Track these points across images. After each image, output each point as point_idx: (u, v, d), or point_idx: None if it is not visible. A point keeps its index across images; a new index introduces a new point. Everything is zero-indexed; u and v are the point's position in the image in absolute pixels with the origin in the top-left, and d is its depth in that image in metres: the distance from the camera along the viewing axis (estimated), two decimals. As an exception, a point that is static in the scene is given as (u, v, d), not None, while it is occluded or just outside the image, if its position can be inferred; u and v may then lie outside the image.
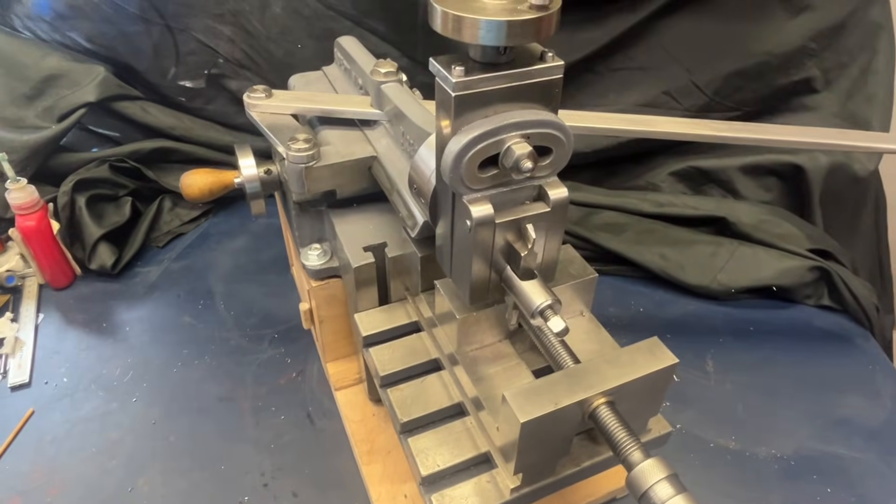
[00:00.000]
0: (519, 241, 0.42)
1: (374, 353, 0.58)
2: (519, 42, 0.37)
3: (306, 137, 0.59)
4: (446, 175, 0.39)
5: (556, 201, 0.42)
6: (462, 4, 0.36)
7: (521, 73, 0.38)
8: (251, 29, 0.90)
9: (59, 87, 0.94)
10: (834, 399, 0.80)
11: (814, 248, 0.93)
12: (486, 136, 0.38)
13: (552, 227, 0.43)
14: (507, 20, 0.35)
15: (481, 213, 0.40)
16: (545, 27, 0.37)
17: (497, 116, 0.38)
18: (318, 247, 0.67)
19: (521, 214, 0.41)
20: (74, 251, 0.94)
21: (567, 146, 0.41)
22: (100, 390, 0.79)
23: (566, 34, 0.92)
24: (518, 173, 0.38)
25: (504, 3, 0.37)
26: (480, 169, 0.39)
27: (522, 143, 0.38)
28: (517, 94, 0.39)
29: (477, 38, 0.36)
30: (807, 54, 0.96)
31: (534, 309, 0.41)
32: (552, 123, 0.39)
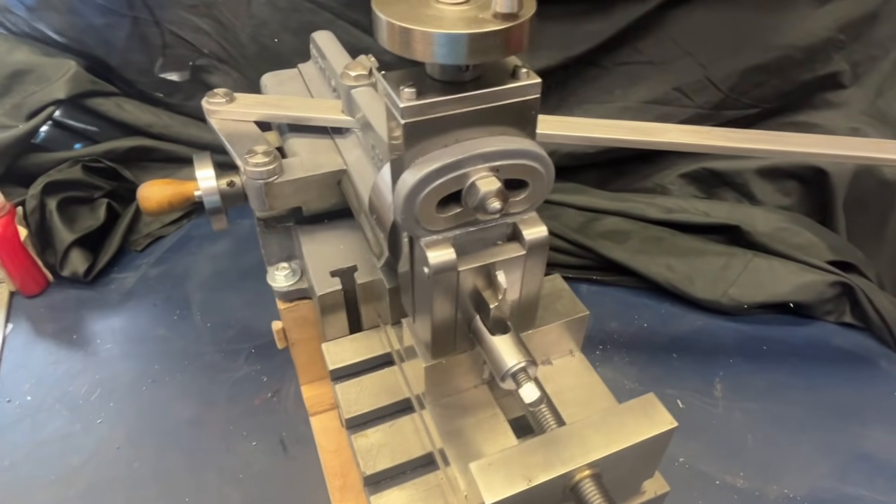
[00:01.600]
0: (488, 288, 0.36)
1: (339, 391, 0.52)
2: (483, 59, 0.30)
3: (266, 150, 0.53)
4: (399, 215, 0.33)
5: (533, 242, 0.35)
6: (413, 12, 0.29)
7: (489, 94, 0.32)
8: (225, 21, 0.83)
9: (27, 83, 0.89)
10: (855, 430, 0.73)
11: (835, 260, 0.86)
12: (444, 170, 0.31)
13: (530, 269, 0.37)
14: (468, 33, 0.28)
15: (440, 260, 0.34)
16: (515, 39, 0.30)
17: (459, 146, 0.32)
18: (286, 266, 0.61)
19: (489, 259, 0.35)
20: (46, 257, 0.89)
21: (546, 177, 0.34)
22: (64, 410, 0.75)
23: (568, 26, 0.84)
24: (484, 213, 0.32)
25: (465, 9, 0.30)
26: (440, 207, 0.33)
27: (490, 177, 0.32)
28: (484, 117, 0.32)
29: (432, 56, 0.29)
30: (834, 47, 0.88)
31: (504, 371, 0.35)
32: (527, 153, 0.33)
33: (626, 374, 0.79)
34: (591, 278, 0.92)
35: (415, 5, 0.30)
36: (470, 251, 0.35)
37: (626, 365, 0.81)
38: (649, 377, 0.79)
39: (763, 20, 0.85)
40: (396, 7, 0.30)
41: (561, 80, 0.92)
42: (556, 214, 0.94)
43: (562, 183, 1.00)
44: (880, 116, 0.92)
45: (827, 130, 0.94)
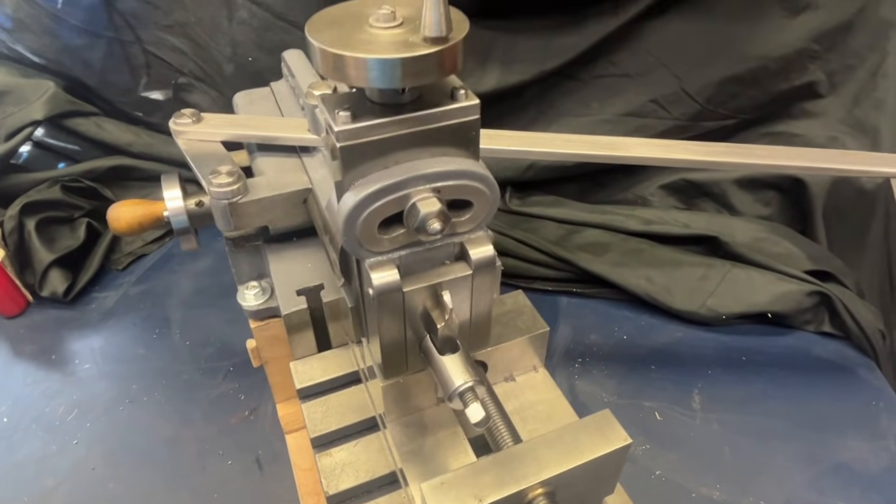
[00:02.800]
0: (436, 308, 0.36)
1: (306, 410, 0.52)
2: (417, 82, 0.30)
3: (230, 170, 0.53)
4: (341, 237, 0.33)
5: (479, 262, 0.36)
6: (346, 37, 0.30)
7: (427, 115, 0.32)
8: (201, 41, 0.84)
9: (5, 105, 0.89)
10: (832, 441, 0.72)
11: (814, 269, 0.86)
12: (384, 192, 0.32)
13: (479, 288, 0.37)
14: (399, 58, 0.28)
15: (383, 281, 0.34)
16: (447, 62, 0.30)
17: (399, 167, 0.32)
18: (255, 285, 0.61)
19: (435, 280, 0.35)
20: (25, 277, 0.89)
21: (491, 197, 0.34)
22: (40, 431, 0.74)
23: (542, 40, 0.85)
24: (426, 235, 0.32)
25: (397, 33, 0.30)
26: (383, 229, 0.33)
27: (431, 198, 0.32)
28: (424, 138, 0.32)
29: (366, 81, 0.29)
30: (809, 57, 0.88)
31: (451, 391, 0.35)
32: (468, 174, 0.33)
33: (604, 386, 0.79)
34: (571, 291, 0.92)
35: (348, 30, 0.30)
36: (416, 271, 0.35)
37: (605, 377, 0.80)
38: (628, 389, 0.79)
39: (737, 32, 0.86)
40: (330, 33, 0.30)
41: (538, 94, 0.93)
42: (535, 227, 0.94)
43: (541, 196, 1.00)
44: (858, 125, 0.92)
45: (805, 140, 0.95)
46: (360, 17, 0.31)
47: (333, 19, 0.31)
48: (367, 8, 0.31)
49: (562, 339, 0.86)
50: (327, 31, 0.30)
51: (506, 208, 0.98)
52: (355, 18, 0.31)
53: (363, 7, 0.32)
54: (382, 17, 0.30)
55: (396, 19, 0.30)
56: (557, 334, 0.87)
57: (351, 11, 0.32)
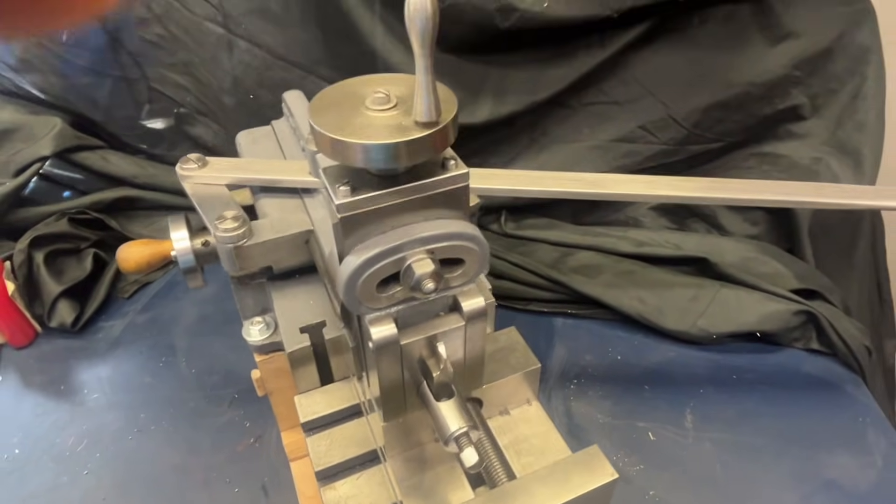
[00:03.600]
0: (432, 357, 0.38)
1: (311, 444, 0.54)
2: (411, 162, 0.33)
3: (235, 215, 0.56)
4: (342, 296, 0.35)
5: (471, 313, 0.38)
6: (345, 121, 0.32)
7: (420, 186, 0.34)
8: (203, 79, 0.87)
9: (14, 141, 0.92)
10: (822, 458, 0.75)
11: (801, 288, 0.88)
12: (382, 255, 0.34)
13: (472, 336, 0.39)
14: (394, 143, 0.31)
15: (382, 335, 0.36)
16: (440, 141, 0.33)
17: (395, 232, 0.35)
18: (260, 320, 0.64)
19: (430, 332, 0.38)
20: (34, 308, 0.92)
21: (481, 254, 0.37)
22: (51, 462, 0.77)
23: (533, 72, 0.88)
24: (421, 293, 0.35)
25: (392, 115, 0.33)
26: (380, 287, 0.36)
27: (425, 260, 0.34)
28: (419, 204, 0.35)
29: (366, 162, 0.32)
30: (791, 82, 0.91)
31: (447, 436, 0.37)
32: (460, 235, 0.35)
33: (599, 408, 0.81)
34: (566, 312, 0.94)
35: (347, 113, 0.33)
36: (413, 323, 0.38)
37: (600, 399, 0.83)
38: (622, 410, 0.81)
39: (721, 61, 0.89)
40: (330, 116, 0.33)
41: (530, 121, 0.96)
42: (530, 250, 0.97)
43: (535, 219, 1.03)
44: (840, 146, 0.95)
45: (791, 161, 0.98)
46: (358, 99, 0.34)
47: (333, 101, 0.34)
48: (365, 88, 0.34)
49: (557, 361, 0.88)
50: (328, 113, 0.33)
51: (501, 231, 1.00)
52: (353, 100, 0.34)
53: (360, 87, 0.35)
54: (378, 101, 0.33)
55: (391, 101, 0.33)
56: (553, 356, 0.89)
57: (349, 92, 0.34)
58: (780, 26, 0.88)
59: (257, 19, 0.79)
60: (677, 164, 0.99)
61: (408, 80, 0.34)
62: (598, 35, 0.85)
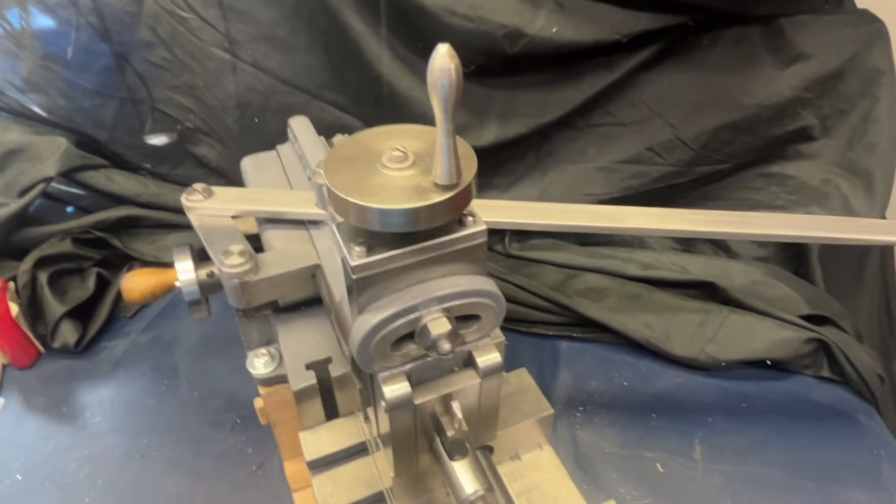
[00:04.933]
0: (446, 414, 0.37)
1: (316, 485, 0.54)
2: (432, 224, 0.32)
3: (241, 250, 0.55)
4: (355, 355, 0.34)
5: (486, 370, 0.37)
6: (361, 181, 0.31)
7: (438, 244, 0.33)
8: (208, 102, 0.86)
9: (20, 162, 0.92)
10: (833, 491, 0.74)
11: (811, 314, 0.87)
12: (397, 316, 0.33)
13: (486, 391, 0.39)
14: (414, 208, 0.30)
15: (395, 395, 0.35)
16: (459, 203, 0.32)
17: (411, 290, 0.34)
18: (264, 352, 0.63)
19: (445, 390, 0.37)
20: (37, 328, 0.91)
21: (498, 309, 0.36)
22: (53, 488, 0.76)
23: (540, 94, 0.87)
24: (436, 353, 0.34)
25: (410, 175, 0.32)
26: (395, 346, 0.35)
27: (441, 319, 0.34)
28: (436, 261, 0.34)
29: (383, 227, 0.31)
30: (801, 104, 0.91)
31: (462, 498, 0.36)
32: (477, 292, 0.34)
33: (606, 437, 0.80)
34: (571, 336, 0.93)
35: (362, 172, 0.32)
36: (427, 379, 0.37)
37: (606, 427, 0.82)
38: (629, 440, 0.80)
39: (730, 83, 0.88)
40: (345, 176, 0.32)
41: (536, 142, 0.95)
42: (535, 272, 0.96)
43: (540, 239, 1.02)
44: (851, 167, 0.94)
45: (799, 181, 0.97)
46: (374, 156, 0.33)
47: (348, 158, 0.33)
48: (381, 142, 0.33)
49: (563, 387, 0.87)
50: (343, 172, 0.32)
51: (505, 252, 1.00)
52: (369, 156, 0.33)
53: (377, 141, 0.34)
54: (395, 159, 0.32)
55: (409, 159, 0.32)
56: (558, 381, 0.88)
57: (365, 147, 0.34)
58: (791, 48, 0.87)
59: (263, 45, 0.78)
60: (685, 184, 0.98)
61: (424, 134, 0.33)
62: (606, 58, 0.84)
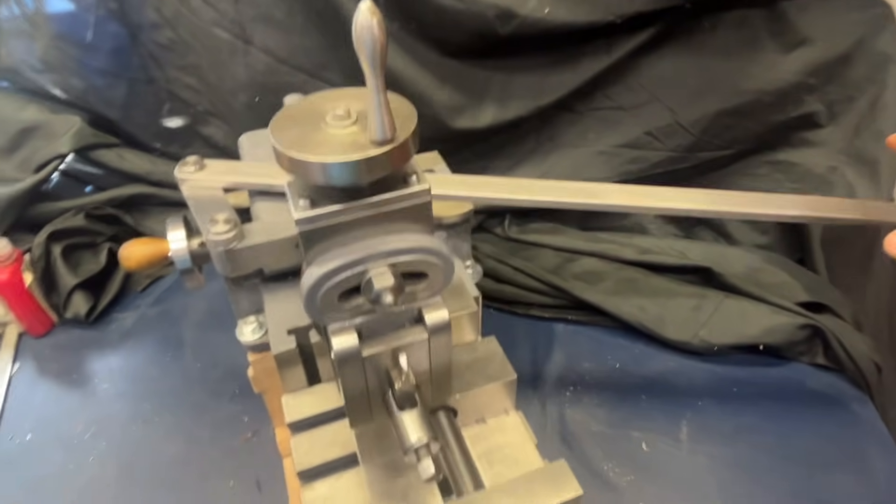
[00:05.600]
0: (395, 367, 0.39)
1: (294, 444, 0.56)
2: (370, 178, 0.33)
3: (226, 218, 0.57)
4: (304, 306, 0.36)
5: (434, 326, 0.39)
6: (304, 138, 0.33)
7: (381, 201, 0.35)
8: (211, 82, 0.89)
9: (35, 139, 0.96)
10: (819, 477, 0.73)
11: (808, 301, 0.86)
12: (342, 268, 0.35)
13: (436, 349, 0.40)
14: (351, 161, 0.32)
15: (343, 346, 0.37)
16: (396, 158, 0.33)
17: (357, 245, 0.35)
18: (253, 320, 0.65)
19: (393, 344, 0.38)
20: (51, 299, 0.96)
21: (445, 268, 0.37)
22: (61, 448, 0.80)
23: (538, 77, 0.87)
24: (380, 306, 0.35)
25: (351, 133, 0.33)
26: (343, 299, 0.36)
27: (385, 273, 0.35)
28: (381, 219, 0.36)
29: (325, 180, 0.33)
30: (806, 89, 0.89)
31: (406, 447, 0.38)
32: (421, 249, 0.36)
33: (594, 415, 0.81)
34: (566, 318, 0.94)
35: (307, 130, 0.34)
36: (377, 334, 0.39)
37: (596, 406, 0.82)
38: (617, 419, 0.80)
39: (730, 67, 0.87)
40: (291, 133, 0.34)
41: (536, 126, 0.95)
42: (533, 255, 0.97)
43: (540, 223, 1.02)
44: (857, 156, 0.92)
45: (804, 169, 0.95)
46: (318, 115, 0.34)
47: (294, 117, 0.35)
48: (327, 103, 0.35)
49: (555, 367, 0.88)
50: (288, 130, 0.34)
51: (504, 235, 1.01)
52: (314, 116, 0.34)
53: (323, 103, 0.35)
54: (337, 118, 0.34)
55: (350, 117, 0.34)
56: (551, 361, 0.89)
57: (311, 108, 0.35)
58: (794, 32, 0.85)
59: (262, 25, 0.81)
60: (686, 170, 0.97)
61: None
62: (604, 40, 0.84)
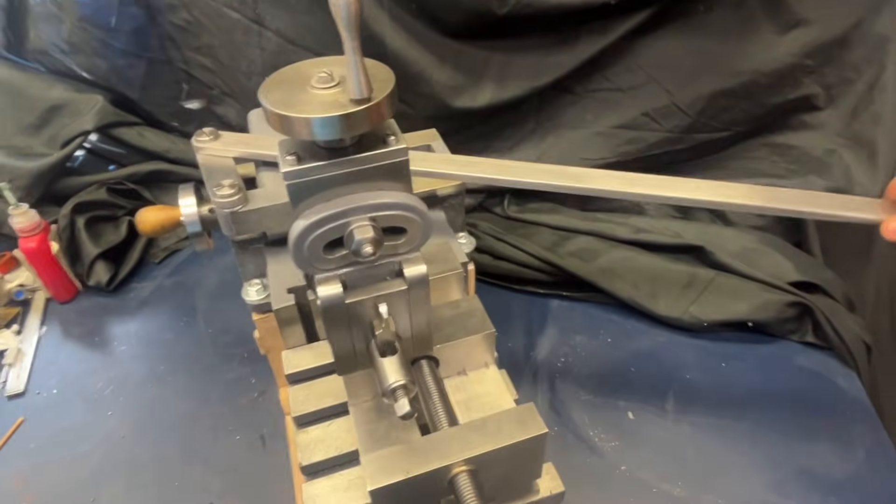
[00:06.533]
0: (377, 317, 0.43)
1: (291, 393, 0.60)
2: (350, 134, 0.37)
3: (232, 182, 0.62)
4: (292, 256, 0.40)
5: (413, 279, 0.42)
6: (290, 97, 0.37)
7: (362, 158, 0.39)
8: (225, 62, 0.93)
9: (62, 116, 1.02)
10: (800, 447, 0.75)
11: (799, 281, 0.88)
12: (326, 220, 0.39)
13: (415, 301, 0.44)
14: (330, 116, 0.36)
15: (327, 294, 0.41)
16: (375, 115, 0.37)
17: (340, 200, 0.39)
18: (257, 282, 0.70)
19: (374, 294, 0.42)
20: (76, 268, 1.02)
21: (423, 224, 0.41)
22: (82, 402, 0.86)
23: (535, 58, 0.90)
24: (361, 257, 0.39)
25: (333, 93, 0.37)
26: (328, 250, 0.40)
27: (366, 226, 0.39)
28: (363, 176, 0.39)
29: (308, 135, 0.36)
30: (802, 71, 0.90)
31: (385, 388, 0.42)
32: (399, 205, 0.39)
33: (583, 385, 0.84)
34: (560, 294, 0.97)
35: (293, 92, 0.38)
36: (359, 286, 0.42)
37: (585, 377, 0.85)
38: (605, 389, 0.83)
39: (727, 48, 0.89)
40: (277, 94, 0.38)
41: (536, 107, 0.98)
42: (530, 233, 1.00)
43: (539, 203, 1.05)
44: (855, 138, 0.93)
45: (802, 152, 0.97)
46: (305, 79, 0.38)
47: (282, 81, 0.39)
48: (313, 69, 0.39)
49: (548, 339, 0.91)
50: (276, 92, 0.38)
51: (504, 214, 1.04)
52: (300, 80, 0.38)
53: (310, 68, 0.39)
54: (321, 80, 0.37)
55: (333, 80, 0.38)
56: (545, 334, 0.92)
57: (298, 73, 0.39)
58: (791, 13, 0.86)
59: (270, 6, 0.85)
60: (684, 151, 0.99)
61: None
62: (601, 21, 0.86)
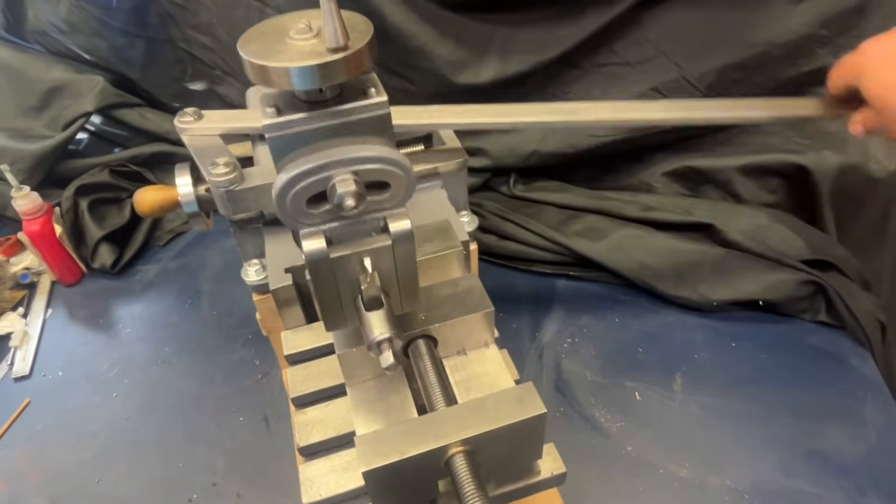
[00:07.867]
0: (363, 272, 0.42)
1: (290, 374, 0.59)
2: (332, 82, 0.36)
3: (227, 161, 0.60)
4: (277, 211, 0.39)
5: (397, 234, 0.41)
6: (268, 48, 0.36)
7: (342, 110, 0.38)
8: (223, 39, 0.92)
9: (62, 98, 1.01)
10: (810, 428, 0.74)
11: (812, 259, 0.85)
12: (308, 174, 0.38)
13: (401, 256, 0.43)
14: (306, 65, 0.34)
15: (311, 248, 0.40)
16: (353, 65, 0.36)
17: (321, 153, 0.38)
18: (256, 262, 0.69)
19: (358, 248, 0.41)
20: (80, 251, 1.02)
21: (406, 179, 0.40)
22: (87, 384, 0.86)
23: (540, 32, 0.87)
24: (343, 210, 0.38)
25: (311, 44, 0.36)
26: (312, 205, 0.39)
27: (348, 180, 0.38)
28: (344, 129, 0.38)
29: (285, 85, 0.35)
30: (817, 42, 0.87)
31: (370, 340, 0.41)
32: (381, 159, 0.38)
33: (589, 366, 0.83)
34: (568, 274, 0.95)
35: (271, 43, 0.36)
36: (345, 240, 0.42)
37: (592, 357, 0.84)
38: (612, 370, 0.82)
39: (738, 19, 0.86)
40: (256, 45, 0.36)
41: (541, 82, 0.96)
42: (536, 212, 0.98)
43: (546, 182, 1.03)
44: (873, 111, 0.90)
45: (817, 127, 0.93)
46: (283, 31, 0.37)
47: (262, 33, 0.38)
48: (292, 21, 0.38)
49: (555, 320, 0.90)
50: (255, 43, 0.37)
51: (510, 193, 1.02)
52: (279, 32, 0.37)
53: (289, 21, 0.38)
54: (300, 31, 0.36)
55: (311, 31, 0.36)
56: (551, 315, 0.91)
57: (277, 25, 0.38)
58: (806, -20, 0.83)
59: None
60: (694, 127, 0.96)
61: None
62: (607, -8, 0.83)
